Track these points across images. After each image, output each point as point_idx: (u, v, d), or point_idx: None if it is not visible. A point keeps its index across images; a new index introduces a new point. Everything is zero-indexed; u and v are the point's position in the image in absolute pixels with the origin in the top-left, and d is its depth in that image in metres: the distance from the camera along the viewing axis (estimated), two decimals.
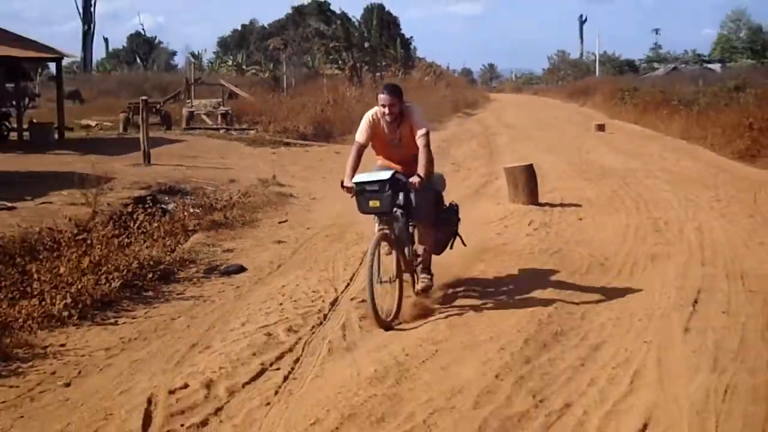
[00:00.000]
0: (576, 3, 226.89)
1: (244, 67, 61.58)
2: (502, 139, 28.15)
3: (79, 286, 8.55)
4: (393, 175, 7.78)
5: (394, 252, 8.00)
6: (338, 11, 58.35)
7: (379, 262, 7.75)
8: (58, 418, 5.83)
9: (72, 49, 42.78)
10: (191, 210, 13.61)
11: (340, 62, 52.52)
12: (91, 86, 45.64)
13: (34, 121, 26.14)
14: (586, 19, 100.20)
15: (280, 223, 13.39)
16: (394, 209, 7.96)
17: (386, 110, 8.00)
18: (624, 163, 19.65)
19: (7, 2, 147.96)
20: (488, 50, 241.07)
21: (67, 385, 6.52)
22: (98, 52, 73.20)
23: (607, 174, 17.67)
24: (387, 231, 7.93)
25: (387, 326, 7.70)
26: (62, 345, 7.48)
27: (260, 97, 37.27)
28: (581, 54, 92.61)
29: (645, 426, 5.42)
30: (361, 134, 8.29)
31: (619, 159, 20.67)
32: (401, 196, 7.99)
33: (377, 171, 8.18)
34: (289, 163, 21.12)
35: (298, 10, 73.18)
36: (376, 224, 7.97)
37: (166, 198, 14.89)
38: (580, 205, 13.76)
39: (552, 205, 13.68)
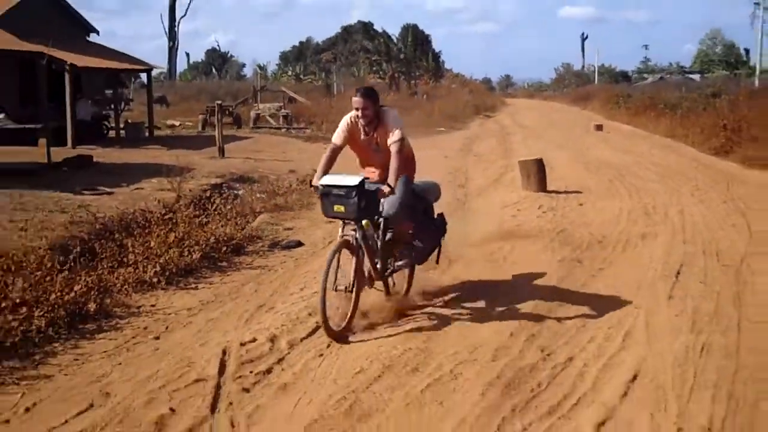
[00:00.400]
0: (578, 23, 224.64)
1: (301, 76, 61.66)
2: (516, 137, 27.97)
3: (166, 257, 8.62)
4: (362, 181, 6.50)
5: (354, 260, 6.55)
6: (380, 30, 58.16)
7: (337, 270, 6.37)
8: (150, 365, 5.90)
9: (159, 61, 43.11)
10: (258, 195, 13.67)
11: (381, 72, 52.50)
12: (175, 92, 45.80)
13: (129, 121, 26.35)
14: (587, 37, 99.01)
15: None
16: (368, 217, 6.68)
17: (359, 113, 6.72)
18: (619, 158, 19.49)
19: (106, 23, 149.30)
20: (505, 62, 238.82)
21: (157, 338, 6.59)
22: (181, 64, 73.48)
23: (604, 166, 17.56)
24: (349, 238, 6.59)
25: (337, 337, 6.30)
26: (152, 305, 7.55)
27: (315, 101, 37.36)
28: (583, 66, 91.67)
29: (635, 376, 5.43)
30: (337, 136, 7.00)
31: (615, 154, 20.51)
32: (384, 203, 6.77)
33: (348, 175, 6.77)
34: (338, 156, 21.09)
35: (347, 30, 73.18)
36: (340, 230, 6.70)
37: (237, 185, 14.93)
38: (581, 192, 13.70)
39: (558, 192, 13.62)
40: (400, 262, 7.26)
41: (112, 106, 25.87)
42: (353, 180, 6.49)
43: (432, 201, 7.52)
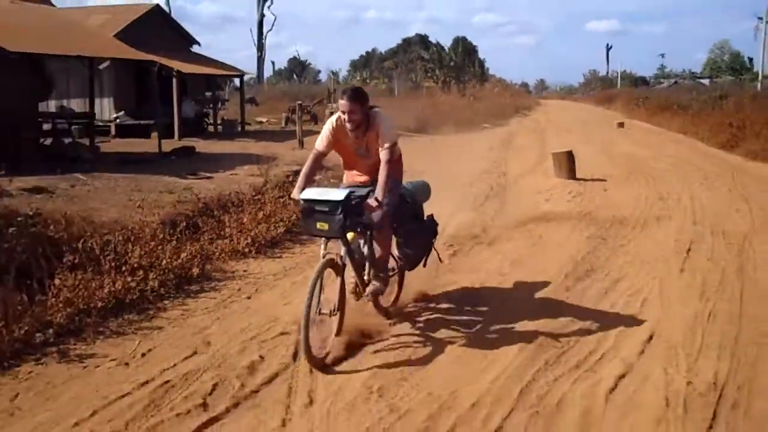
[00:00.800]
0: (604, 35, 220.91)
1: (367, 80, 61.38)
2: (549, 132, 27.54)
3: (256, 231, 8.70)
4: (348, 196, 5.02)
5: (338, 280, 5.16)
6: (434, 41, 57.94)
7: (320, 292, 4.97)
8: (243, 320, 5.99)
9: (250, 68, 43.10)
10: (332, 180, 13.70)
11: (434, 77, 52.19)
12: (262, 94, 45.94)
13: (224, 118, 26.56)
14: (611, 47, 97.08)
15: None
16: (357, 227, 5.28)
17: (346, 117, 5.26)
18: (638, 150, 19.12)
19: (206, 37, 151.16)
20: (540, 69, 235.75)
21: (249, 298, 6.67)
22: (267, 71, 73.74)
23: (625, 158, 17.24)
24: (333, 257, 5.15)
25: (319, 364, 4.89)
26: (245, 271, 7.64)
27: (379, 102, 37.10)
28: (607, 72, 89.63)
29: (651, 337, 5.36)
30: (320, 141, 5.49)
31: (634, 147, 20.12)
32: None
33: (331, 188, 5.59)
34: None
35: (406, 41, 72.85)
36: (322, 247, 5.21)
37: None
38: (605, 180, 13.48)
39: (585, 180, 13.41)
40: (389, 271, 5.88)
41: (211, 106, 26.13)
42: (338, 194, 5.05)
43: (422, 202, 6.12)
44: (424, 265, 6.12)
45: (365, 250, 5.58)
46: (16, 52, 12.94)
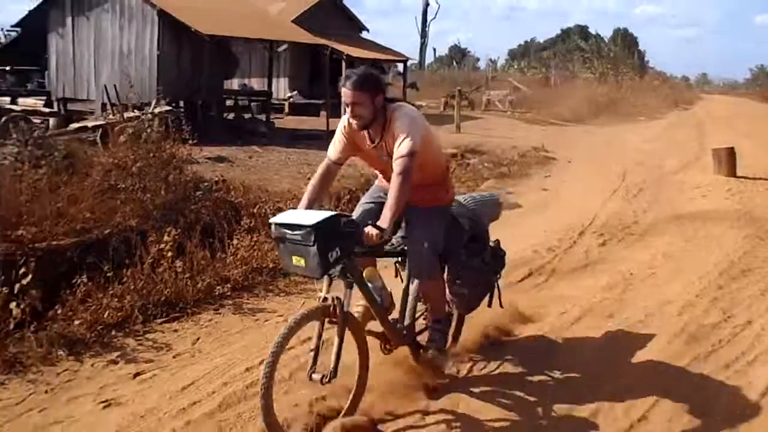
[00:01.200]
0: None
1: (524, 69, 60.38)
2: (708, 126, 25.85)
3: None
4: (327, 219, 3.35)
5: (336, 339, 3.56)
6: (594, 32, 55.94)
7: (319, 347, 3.51)
8: (397, 290, 6.10)
9: (412, 54, 42.98)
10: (486, 164, 13.64)
11: (592, 69, 50.36)
12: (423, 79, 46.13)
13: None
14: None
15: (545, 177, 13.13)
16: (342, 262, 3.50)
17: (349, 111, 3.63)
18: None
19: (375, 24, 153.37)
20: (703, 62, 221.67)
21: None
22: (429, 57, 73.94)
23: None
24: (330, 301, 3.54)
25: None
26: None
27: (535, 91, 36.50)
28: None
29: None
30: (332, 146, 3.86)
31: None
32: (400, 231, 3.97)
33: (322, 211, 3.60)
34: (553, 137, 20.48)
35: (565, 32, 70.91)
36: (324, 286, 3.59)
37: (469, 155, 14.93)
38: None
39: (746, 178, 12.50)
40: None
41: None
42: (311, 217, 3.40)
43: (486, 225, 4.44)
44: (489, 305, 4.50)
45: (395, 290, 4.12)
46: (209, 35, 13.76)
